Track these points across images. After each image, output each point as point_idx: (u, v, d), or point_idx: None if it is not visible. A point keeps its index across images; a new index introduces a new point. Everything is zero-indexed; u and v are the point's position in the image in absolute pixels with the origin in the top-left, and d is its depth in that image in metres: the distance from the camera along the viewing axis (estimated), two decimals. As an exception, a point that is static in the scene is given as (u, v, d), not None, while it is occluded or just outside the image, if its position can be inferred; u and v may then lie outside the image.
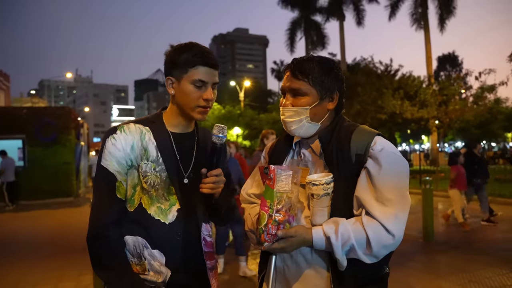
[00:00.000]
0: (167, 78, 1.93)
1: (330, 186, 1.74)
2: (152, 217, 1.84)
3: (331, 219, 1.73)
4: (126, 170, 1.86)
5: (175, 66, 1.88)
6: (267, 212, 1.70)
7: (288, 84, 1.91)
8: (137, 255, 1.86)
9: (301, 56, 1.96)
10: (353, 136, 1.82)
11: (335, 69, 1.92)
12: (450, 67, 73.50)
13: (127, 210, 1.86)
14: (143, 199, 1.85)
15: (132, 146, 1.87)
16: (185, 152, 1.98)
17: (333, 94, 1.91)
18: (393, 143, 1.84)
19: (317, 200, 1.74)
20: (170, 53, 1.92)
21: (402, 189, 1.72)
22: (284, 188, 1.68)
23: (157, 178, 1.87)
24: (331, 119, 1.95)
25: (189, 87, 1.87)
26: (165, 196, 1.87)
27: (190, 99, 1.89)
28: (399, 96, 24.10)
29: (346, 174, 1.77)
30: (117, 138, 1.86)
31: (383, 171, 1.71)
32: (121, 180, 1.84)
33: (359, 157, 1.77)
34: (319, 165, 1.88)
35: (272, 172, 1.69)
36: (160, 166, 1.89)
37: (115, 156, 1.84)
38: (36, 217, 12.55)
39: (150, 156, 1.88)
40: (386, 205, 1.67)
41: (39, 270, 6.66)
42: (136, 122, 1.95)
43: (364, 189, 1.72)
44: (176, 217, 1.87)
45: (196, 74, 1.87)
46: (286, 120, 1.91)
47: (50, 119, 16.95)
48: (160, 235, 1.85)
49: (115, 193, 1.83)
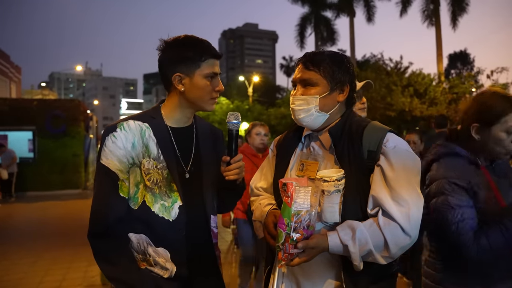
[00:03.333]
0: (176, 75, 1.88)
1: (342, 182, 1.72)
2: (156, 214, 1.84)
3: (347, 224, 1.70)
4: (128, 168, 1.84)
5: (184, 62, 1.86)
6: (285, 230, 1.65)
7: (299, 75, 1.91)
8: (142, 252, 1.85)
9: (314, 51, 1.97)
10: (365, 131, 1.81)
11: (346, 63, 1.92)
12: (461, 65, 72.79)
13: (131, 208, 1.84)
14: (147, 197, 1.84)
15: (133, 143, 1.86)
16: (185, 147, 1.98)
17: (344, 86, 1.90)
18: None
19: (327, 196, 1.72)
20: (173, 49, 1.89)
21: (416, 188, 1.70)
22: (303, 205, 1.63)
23: (159, 175, 1.86)
24: (341, 112, 1.95)
25: (204, 81, 1.87)
26: (167, 194, 1.86)
27: (205, 92, 1.89)
28: (409, 94, 23.96)
29: (357, 171, 1.76)
30: (118, 136, 1.85)
31: (397, 169, 1.69)
32: (123, 179, 1.83)
33: (371, 153, 1.76)
34: (329, 160, 1.87)
35: (290, 189, 1.63)
36: (161, 163, 1.88)
37: (116, 155, 1.83)
38: (45, 208, 12.63)
39: (151, 154, 1.87)
40: (402, 205, 1.65)
41: (47, 261, 6.70)
42: (135, 119, 1.93)
43: (380, 188, 1.69)
44: (178, 214, 1.86)
45: (209, 67, 1.87)
46: (295, 109, 1.91)
47: (60, 112, 17.02)
48: (164, 232, 1.85)
49: (118, 192, 1.81)
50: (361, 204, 1.74)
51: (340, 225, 1.71)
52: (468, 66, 70.58)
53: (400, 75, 26.45)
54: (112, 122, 1.92)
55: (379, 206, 1.69)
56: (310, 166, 1.91)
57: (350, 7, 37.77)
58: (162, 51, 1.91)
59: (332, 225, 1.77)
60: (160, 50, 1.92)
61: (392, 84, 25.36)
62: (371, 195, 1.72)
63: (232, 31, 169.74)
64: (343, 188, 1.73)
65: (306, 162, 1.94)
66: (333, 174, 1.73)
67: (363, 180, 1.76)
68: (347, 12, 38.25)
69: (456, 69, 70.10)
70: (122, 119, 1.93)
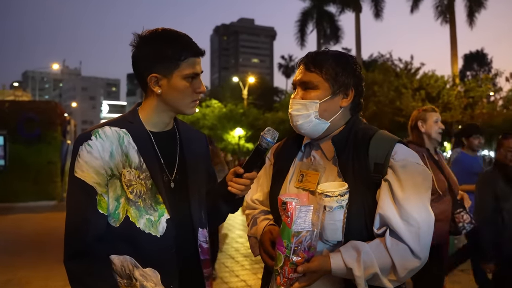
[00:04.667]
0: (151, 76, 1.84)
1: (345, 198, 1.71)
2: (142, 231, 1.80)
3: (351, 244, 1.71)
4: (107, 181, 1.79)
5: (161, 61, 1.82)
6: (284, 253, 1.65)
7: (299, 77, 1.93)
8: (127, 276, 1.80)
9: (317, 50, 1.99)
10: (372, 142, 1.82)
11: (352, 64, 1.93)
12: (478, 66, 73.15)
13: (111, 226, 1.79)
14: (130, 212, 1.80)
15: (111, 152, 1.82)
16: (168, 153, 1.96)
17: (348, 91, 1.91)
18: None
19: (329, 213, 1.70)
20: (148, 45, 1.85)
21: (426, 205, 1.73)
22: (303, 226, 1.63)
23: (142, 187, 1.83)
24: (345, 119, 1.96)
25: (183, 82, 1.85)
26: (153, 206, 1.83)
27: (185, 95, 1.87)
28: (420, 97, 24.01)
29: (363, 185, 1.76)
30: (93, 144, 1.80)
31: (406, 185, 1.71)
32: (101, 193, 1.78)
33: (378, 166, 1.77)
34: (331, 171, 1.87)
35: (291, 209, 1.63)
36: (144, 173, 1.85)
37: (92, 166, 1.78)
38: (17, 221, 12.52)
39: (132, 163, 1.84)
40: (411, 225, 1.67)
41: (19, 280, 6.68)
42: (112, 125, 1.89)
43: (388, 206, 1.70)
44: (167, 228, 1.83)
45: (189, 67, 1.84)
46: (293, 114, 1.92)
47: (34, 114, 16.94)
48: (152, 250, 1.81)
49: (96, 208, 1.77)
50: (366, 222, 1.75)
51: (344, 246, 1.72)
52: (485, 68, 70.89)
53: (410, 77, 26.55)
54: (90, 127, 1.90)
55: (386, 225, 1.71)
56: (310, 177, 1.91)
57: (356, 1, 37.85)
58: (136, 47, 1.87)
59: (333, 244, 1.78)
60: (133, 46, 1.88)
61: (402, 87, 25.44)
62: (378, 213, 1.72)
63: (226, 27, 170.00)
64: (347, 204, 1.72)
65: (306, 173, 1.94)
66: (336, 188, 1.72)
67: (369, 195, 1.76)
68: (352, 7, 38.32)
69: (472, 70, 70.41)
70: (96, 126, 1.89)
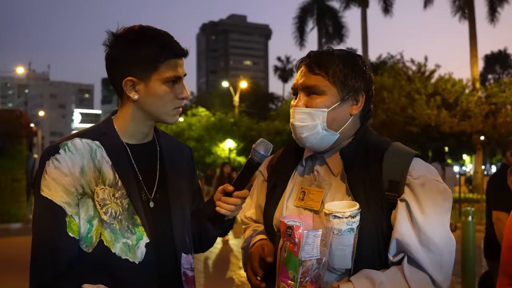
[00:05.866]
0: (127, 79, 1.84)
1: (356, 220, 1.69)
2: (119, 257, 1.80)
3: (364, 274, 1.69)
4: (77, 200, 1.79)
5: (137, 63, 1.82)
6: (289, 286, 1.64)
7: (302, 81, 1.90)
8: None
9: (321, 49, 1.96)
10: (386, 156, 1.81)
11: (362, 65, 1.92)
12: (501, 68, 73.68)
13: (83, 251, 1.79)
14: (104, 235, 1.79)
15: (82, 168, 1.82)
16: (148, 169, 1.96)
17: (358, 96, 1.90)
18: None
19: (337, 237, 1.68)
20: (123, 45, 1.85)
21: (448, 229, 1.72)
22: (312, 253, 1.63)
23: (118, 206, 1.83)
24: (355, 129, 1.94)
25: (163, 87, 1.85)
26: (130, 229, 1.83)
27: (165, 101, 1.87)
28: (435, 104, 24.15)
29: (375, 205, 1.75)
30: (61, 159, 1.80)
31: (426, 206, 1.70)
32: (72, 214, 1.77)
33: (394, 184, 1.76)
34: (338, 189, 1.86)
35: (298, 235, 1.62)
36: (120, 191, 1.85)
37: (61, 184, 1.77)
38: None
39: (106, 180, 1.84)
40: (432, 251, 1.67)
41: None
42: (82, 136, 1.89)
43: (406, 230, 1.69)
44: (146, 254, 1.84)
45: (169, 69, 1.84)
46: (296, 125, 1.88)
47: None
48: (130, 279, 1.81)
49: (66, 231, 1.75)
50: (379, 248, 1.74)
51: (356, 276, 1.70)
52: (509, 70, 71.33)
53: (424, 81, 26.72)
54: (59, 139, 1.89)
55: (404, 252, 1.69)
56: (313, 194, 1.89)
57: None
58: (110, 47, 1.87)
59: (341, 273, 1.76)
60: (107, 45, 1.88)
61: (415, 92, 25.57)
62: (394, 239, 1.70)
63: (214, 25, 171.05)
64: (358, 227, 1.70)
65: (308, 190, 1.92)
66: (346, 208, 1.70)
67: (382, 217, 1.75)
68: (358, 2, 38.61)
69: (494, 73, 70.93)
70: (65, 138, 1.89)
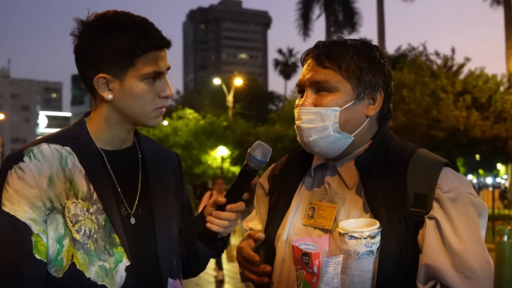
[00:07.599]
0: (99, 77, 1.84)
1: (376, 240, 1.68)
2: (94, 282, 1.80)
3: None
4: (45, 216, 1.79)
5: (110, 58, 1.83)
6: None
7: (309, 76, 1.89)
8: None
9: (330, 39, 1.96)
10: (411, 165, 1.81)
11: (379, 57, 1.92)
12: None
13: (52, 276, 1.79)
14: (77, 257, 1.79)
15: (50, 178, 1.82)
16: (127, 179, 1.97)
17: (375, 94, 1.90)
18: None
19: (355, 260, 1.68)
20: (94, 35, 1.85)
21: (485, 251, 1.71)
22: (332, 284, 1.65)
23: (93, 223, 1.83)
24: (372, 132, 1.95)
25: (141, 85, 1.85)
26: (107, 250, 1.83)
27: (144, 102, 1.88)
28: (465, 105, 24.29)
29: (399, 223, 1.75)
30: (26, 168, 1.80)
31: (460, 225, 1.70)
32: (38, 232, 1.77)
33: (420, 199, 1.75)
34: (354, 204, 1.86)
35: (316, 264, 1.65)
36: (95, 205, 1.86)
37: (25, 197, 1.77)
38: None
39: (79, 192, 1.84)
40: (469, 278, 1.66)
41: None
42: (51, 141, 1.89)
43: (437, 253, 1.69)
44: (126, 279, 1.84)
45: (148, 64, 1.85)
46: (302, 127, 1.88)
47: None
48: None
49: (32, 253, 1.75)
50: (404, 274, 1.74)
51: None
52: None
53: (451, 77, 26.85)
54: (23, 145, 1.89)
55: (436, 279, 1.68)
56: (324, 211, 1.89)
57: (378, -23, 38.37)
58: (79, 38, 1.88)
59: None
60: (75, 36, 1.88)
61: (441, 90, 25.69)
62: (424, 264, 1.70)
63: (204, 12, 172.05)
64: (378, 249, 1.69)
65: (319, 205, 1.92)
66: (364, 227, 1.69)
67: (407, 237, 1.74)
68: (373, -15, 38.81)
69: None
70: (30, 143, 1.89)
